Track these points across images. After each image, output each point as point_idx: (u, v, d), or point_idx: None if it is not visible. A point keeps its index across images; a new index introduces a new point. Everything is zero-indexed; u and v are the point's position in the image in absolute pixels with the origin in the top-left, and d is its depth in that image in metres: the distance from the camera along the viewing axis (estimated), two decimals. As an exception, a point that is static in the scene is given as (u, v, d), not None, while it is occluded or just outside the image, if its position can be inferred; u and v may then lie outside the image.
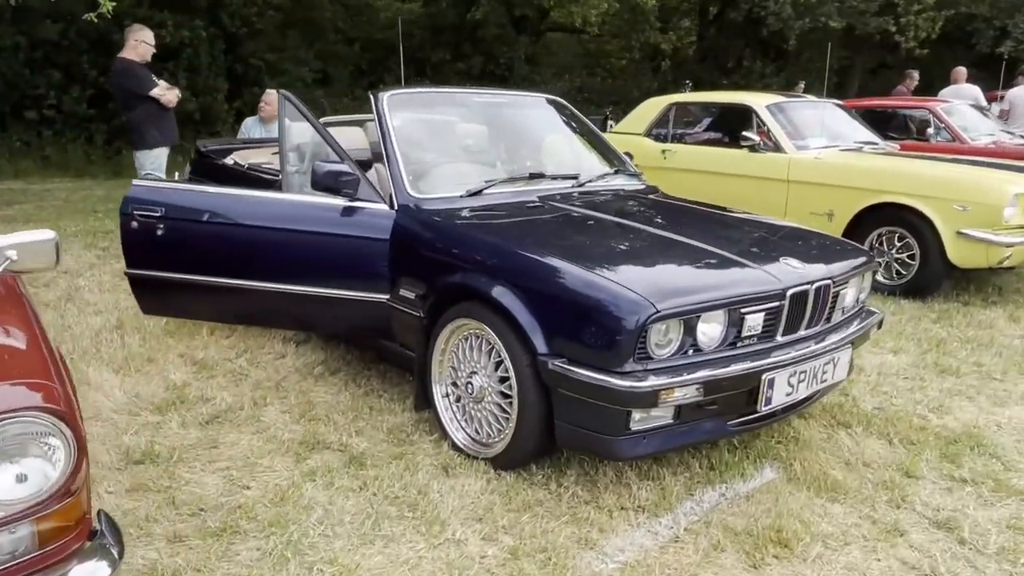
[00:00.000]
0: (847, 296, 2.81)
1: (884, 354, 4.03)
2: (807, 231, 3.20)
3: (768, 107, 6.05)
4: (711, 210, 3.41)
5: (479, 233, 2.72)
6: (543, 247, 2.52)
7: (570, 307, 2.30)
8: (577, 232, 2.76)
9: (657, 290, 2.24)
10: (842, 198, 5.39)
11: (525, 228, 2.81)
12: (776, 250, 2.68)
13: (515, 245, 2.56)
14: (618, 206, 3.19)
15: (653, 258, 2.50)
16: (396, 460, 2.69)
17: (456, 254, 2.74)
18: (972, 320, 4.66)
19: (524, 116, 3.87)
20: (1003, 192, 4.65)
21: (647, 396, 2.19)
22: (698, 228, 2.94)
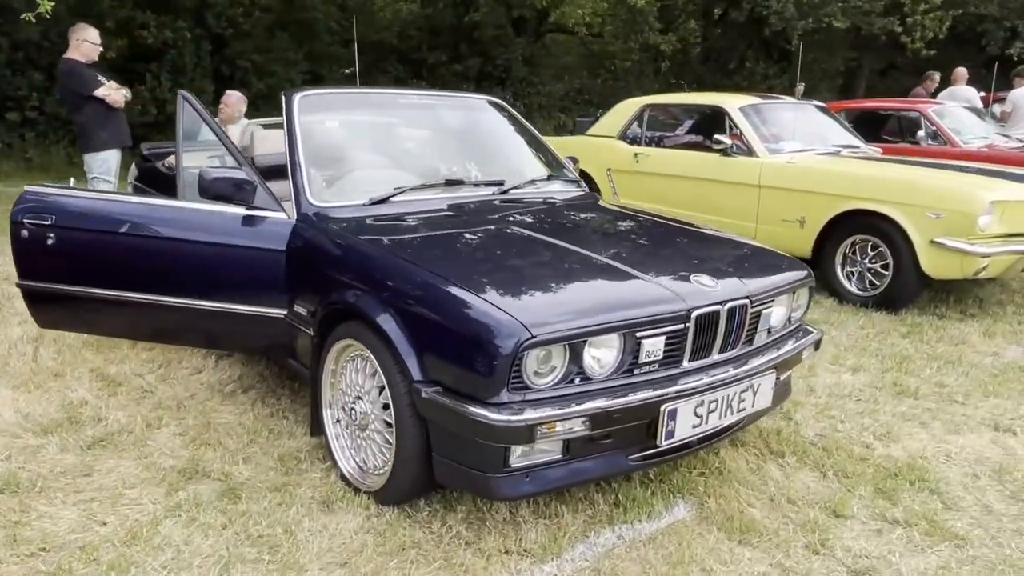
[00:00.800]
0: (774, 315, 2.57)
1: (842, 372, 3.77)
2: (740, 243, 2.95)
3: (741, 109, 5.80)
4: (641, 220, 3.17)
5: (362, 246, 2.50)
6: (427, 262, 2.30)
7: (443, 330, 2.08)
8: (474, 246, 2.54)
9: (536, 313, 2.01)
10: (813, 204, 5.13)
11: (417, 241, 2.58)
12: (692, 266, 2.44)
13: (395, 259, 2.35)
14: (535, 216, 2.96)
15: (547, 275, 2.27)
16: (276, 492, 2.47)
17: (340, 268, 2.53)
18: (944, 335, 4.39)
19: (455, 119, 3.65)
20: (978, 199, 4.38)
21: (522, 431, 1.96)
22: (612, 241, 2.71)
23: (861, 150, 5.95)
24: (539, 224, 2.82)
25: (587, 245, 2.56)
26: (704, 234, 3.00)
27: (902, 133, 8.44)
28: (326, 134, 3.19)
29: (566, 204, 3.23)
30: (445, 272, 2.21)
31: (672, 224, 3.13)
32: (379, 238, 2.56)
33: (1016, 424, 3.12)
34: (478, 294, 2.06)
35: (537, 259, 2.42)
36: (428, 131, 3.51)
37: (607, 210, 3.28)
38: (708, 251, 2.73)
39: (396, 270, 2.31)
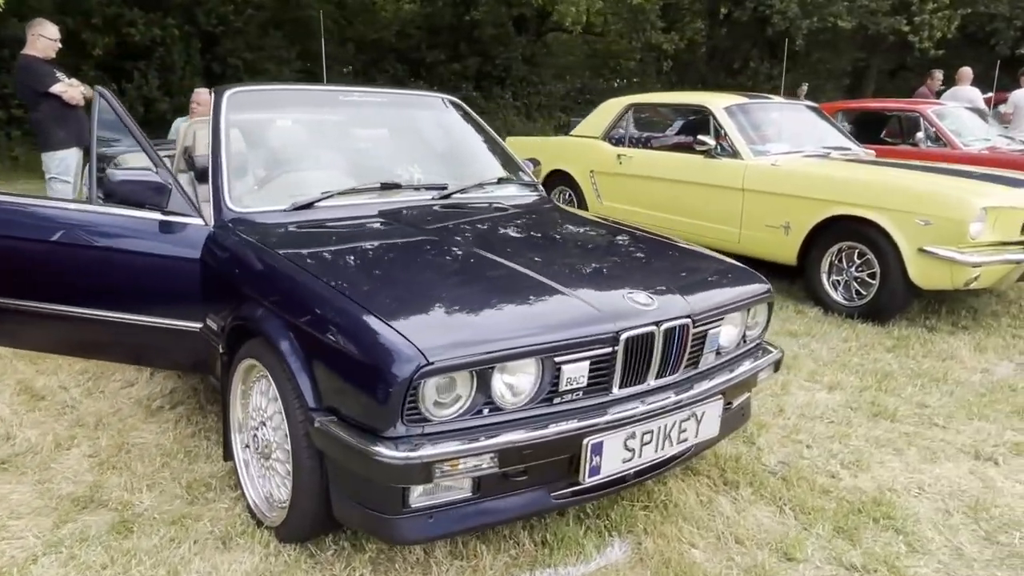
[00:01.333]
0: (723, 335, 2.34)
1: (817, 390, 3.53)
2: (697, 255, 2.71)
3: (727, 109, 5.56)
4: (592, 229, 2.94)
5: (267, 256, 2.28)
6: (331, 276, 2.08)
7: (337, 353, 1.86)
8: (390, 258, 2.32)
9: (436, 336, 1.79)
10: (798, 209, 4.88)
11: (330, 252, 2.36)
12: (632, 282, 2.20)
13: (297, 272, 2.12)
14: (472, 223, 2.74)
15: (463, 293, 2.04)
16: (172, 525, 2.26)
17: (246, 280, 2.32)
18: (931, 349, 4.14)
19: (403, 118, 3.43)
20: (969, 205, 4.12)
21: (416, 470, 1.74)
22: (550, 253, 2.48)
23: (853, 152, 5.70)
24: (473, 233, 2.60)
25: (518, 257, 2.33)
26: (658, 245, 2.76)
27: (903, 135, 8.15)
28: (255, 133, 2.98)
29: (513, 210, 3.00)
30: (347, 288, 1.99)
31: (626, 234, 2.90)
32: (290, 248, 2.34)
33: (999, 452, 2.87)
34: (377, 314, 1.84)
35: (457, 274, 2.20)
36: (370, 131, 3.29)
37: (558, 216, 3.05)
38: (656, 265, 2.50)
39: (296, 284, 2.09)
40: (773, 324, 4.56)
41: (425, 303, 1.94)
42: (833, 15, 17.00)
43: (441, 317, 1.88)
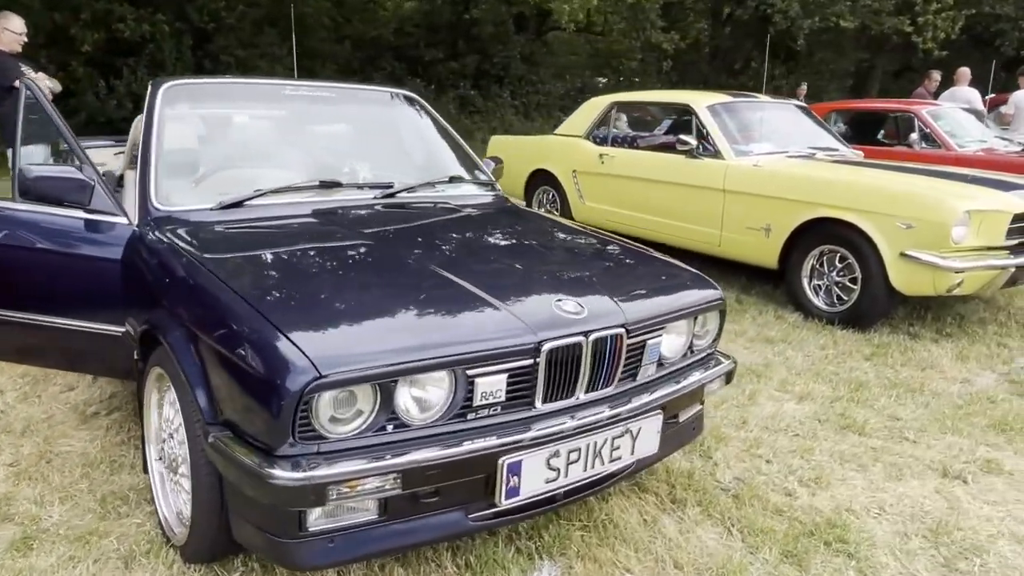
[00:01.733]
0: (666, 345, 2.19)
1: (786, 400, 3.38)
2: (648, 259, 2.57)
3: (709, 107, 5.40)
4: (538, 231, 2.80)
5: (180, 258, 2.15)
6: (238, 280, 1.94)
7: (233, 364, 1.72)
8: (309, 261, 2.17)
9: (334, 347, 1.65)
10: (779, 211, 4.73)
11: (246, 255, 2.23)
12: (565, 288, 2.06)
13: (206, 276, 1.99)
14: (412, 224, 2.60)
15: (375, 300, 1.90)
16: (76, 542, 2.13)
17: (159, 282, 2.19)
18: (912, 358, 3.98)
19: (352, 114, 3.29)
20: (951, 208, 3.96)
21: (305, 492, 1.60)
22: (485, 257, 2.33)
23: (840, 153, 5.54)
24: (407, 236, 2.46)
25: (449, 263, 2.20)
26: (607, 250, 2.62)
27: (900, 136, 7.97)
28: (191, 129, 2.86)
29: (462, 210, 2.86)
30: (251, 294, 1.85)
31: (575, 236, 2.75)
32: (205, 249, 2.20)
33: (968, 469, 2.72)
34: (275, 323, 1.70)
35: (377, 280, 2.06)
36: (316, 127, 3.16)
37: (507, 218, 2.91)
38: (598, 270, 2.35)
39: (198, 288, 1.96)
40: (750, 330, 4.43)
41: (331, 312, 1.80)
42: (835, 15, 16.80)
43: (345, 327, 1.75)
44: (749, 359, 3.91)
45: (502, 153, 7.40)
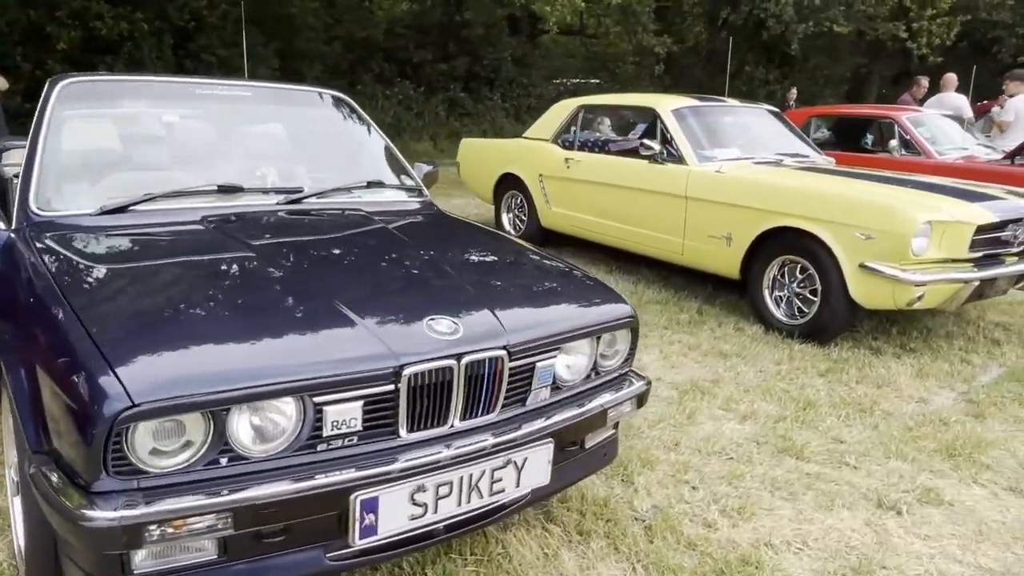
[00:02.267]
0: (563, 367, 2.03)
1: (728, 420, 3.21)
2: (553, 272, 2.40)
3: (674, 111, 5.24)
4: (448, 239, 2.64)
5: (28, 270, 1.98)
6: (84, 297, 1.78)
7: (52, 388, 1.56)
8: (172, 276, 2.00)
9: (154, 373, 1.49)
10: (740, 219, 4.56)
11: (106, 267, 2.06)
12: (446, 305, 1.90)
13: (46, 291, 1.82)
14: (305, 234, 2.44)
15: (224, 320, 1.72)
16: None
17: (11, 295, 2.02)
18: (869, 374, 3.81)
19: (269, 114, 3.13)
20: (911, 218, 3.78)
21: (115, 534, 1.43)
22: (369, 271, 2.15)
23: (810, 160, 5.37)
24: (296, 246, 2.29)
25: (327, 276, 2.04)
26: (513, 260, 2.46)
27: (883, 142, 7.80)
28: (86, 129, 2.70)
29: (374, 218, 2.69)
30: (88, 312, 1.68)
31: (489, 247, 2.59)
32: (63, 259, 2.04)
33: (905, 500, 2.55)
34: (100, 346, 1.53)
35: (238, 295, 1.89)
36: (228, 127, 2.99)
37: (419, 225, 2.74)
38: (492, 283, 2.18)
39: (41, 303, 1.79)
40: (705, 343, 4.26)
41: (169, 333, 1.63)
42: (829, 20, 16.66)
43: (179, 350, 1.57)
44: (698, 374, 3.74)
45: (471, 156, 7.30)
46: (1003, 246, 4.12)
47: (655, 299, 5.10)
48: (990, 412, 3.36)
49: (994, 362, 4.07)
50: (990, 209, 4.00)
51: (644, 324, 4.52)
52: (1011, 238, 4.11)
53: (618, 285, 5.41)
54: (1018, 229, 4.10)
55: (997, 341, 4.40)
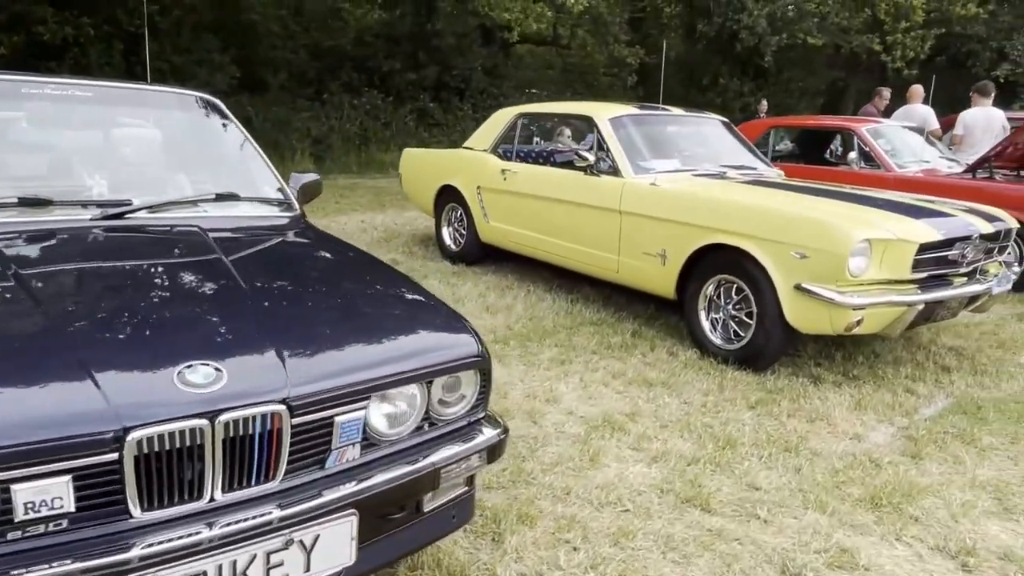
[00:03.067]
0: (382, 418, 1.68)
1: (635, 462, 2.86)
2: (389, 301, 2.05)
3: (611, 120, 4.93)
4: (277, 263, 2.29)
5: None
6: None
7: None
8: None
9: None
10: (674, 235, 4.24)
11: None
12: (211, 348, 1.55)
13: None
14: (101, 259, 2.08)
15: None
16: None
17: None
18: (803, 406, 3.48)
19: (110, 117, 2.77)
20: (847, 236, 3.47)
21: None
22: (147, 303, 1.78)
23: (756, 172, 5.06)
24: (78, 273, 1.93)
25: (87, 312, 1.68)
26: (349, 289, 2.11)
27: (846, 154, 7.53)
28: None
29: (200, 235, 2.32)
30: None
31: (334, 270, 2.24)
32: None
33: (814, 565, 2.21)
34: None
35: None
36: (55, 132, 2.63)
37: (259, 246, 2.39)
38: (299, 321, 1.81)
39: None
40: (631, 370, 3.92)
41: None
42: (803, 32, 16.52)
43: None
44: (615, 407, 3.40)
45: (412, 167, 6.96)
46: (951, 266, 3.82)
47: (591, 320, 4.76)
48: (928, 451, 3.03)
49: (941, 392, 3.75)
50: (935, 226, 3.70)
51: (572, 348, 4.19)
52: (959, 257, 3.80)
53: (555, 304, 5.08)
54: (966, 248, 3.80)
55: (947, 368, 4.09)
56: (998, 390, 3.78)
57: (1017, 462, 2.99)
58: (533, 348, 4.20)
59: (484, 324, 4.57)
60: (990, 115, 7.49)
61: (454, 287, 5.48)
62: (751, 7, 16.10)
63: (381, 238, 7.37)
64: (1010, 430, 3.27)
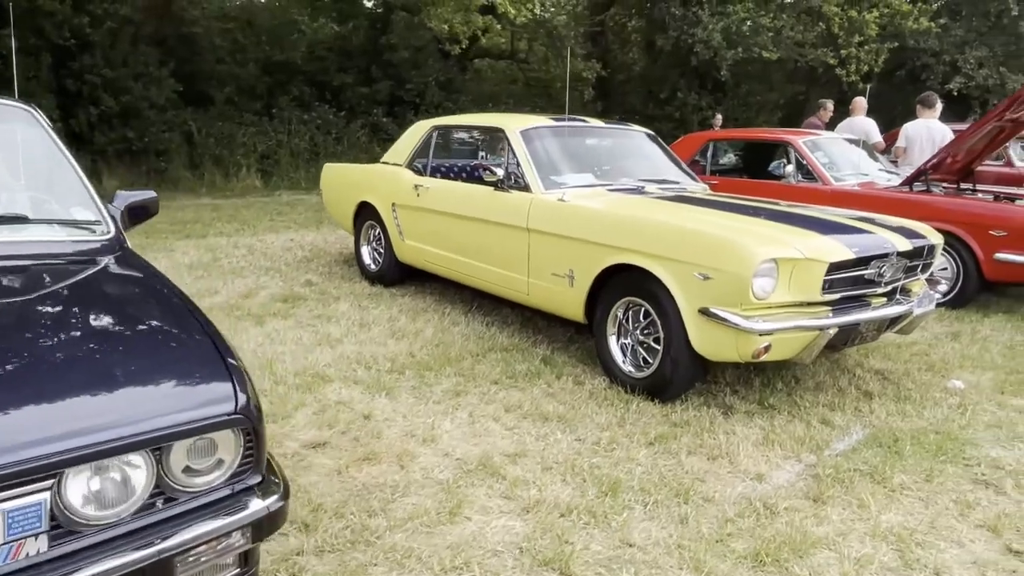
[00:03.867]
0: (82, 498, 1.34)
1: (503, 514, 2.54)
2: (146, 346, 1.72)
3: (523, 133, 4.63)
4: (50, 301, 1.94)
5: None
6: None
7: None
8: None
9: None
10: (580, 255, 3.95)
11: None
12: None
13: None
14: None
15: None
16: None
17: None
18: (706, 442, 3.18)
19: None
20: (750, 256, 3.19)
21: None
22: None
23: (679, 187, 4.80)
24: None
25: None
26: (101, 330, 1.77)
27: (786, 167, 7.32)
28: None
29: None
30: None
31: (103, 307, 1.90)
32: None
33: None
34: None
35: None
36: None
37: (35, 277, 2.04)
38: (14, 374, 1.48)
39: None
40: (528, 402, 3.58)
41: None
42: (758, 46, 16.46)
43: None
44: (499, 447, 3.08)
45: (332, 183, 6.62)
46: (868, 286, 3.56)
47: (502, 345, 4.44)
48: (832, 494, 2.74)
49: (859, 421, 3.48)
50: (847, 244, 3.43)
51: (472, 378, 3.87)
52: (876, 277, 3.55)
53: (468, 328, 4.76)
54: (883, 266, 3.54)
55: (870, 394, 3.82)
56: (920, 419, 3.52)
57: (928, 504, 2.71)
58: (430, 378, 3.87)
59: (385, 351, 4.24)
60: (932, 128, 7.33)
61: (365, 310, 5.14)
62: (706, 21, 16.02)
63: (304, 257, 7.01)
64: (925, 466, 2.99)
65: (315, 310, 5.11)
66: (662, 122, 18.78)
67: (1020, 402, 3.78)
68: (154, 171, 12.50)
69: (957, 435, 3.32)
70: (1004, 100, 5.74)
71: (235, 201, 11.49)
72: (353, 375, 3.87)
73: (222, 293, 5.48)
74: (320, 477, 2.77)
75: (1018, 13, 17.19)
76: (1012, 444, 3.27)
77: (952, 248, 5.50)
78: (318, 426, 3.23)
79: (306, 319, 4.89)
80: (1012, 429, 3.42)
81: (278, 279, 6.01)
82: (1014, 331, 5.07)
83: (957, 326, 5.18)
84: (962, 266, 5.54)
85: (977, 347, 4.67)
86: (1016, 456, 3.14)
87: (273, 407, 3.40)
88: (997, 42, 17.89)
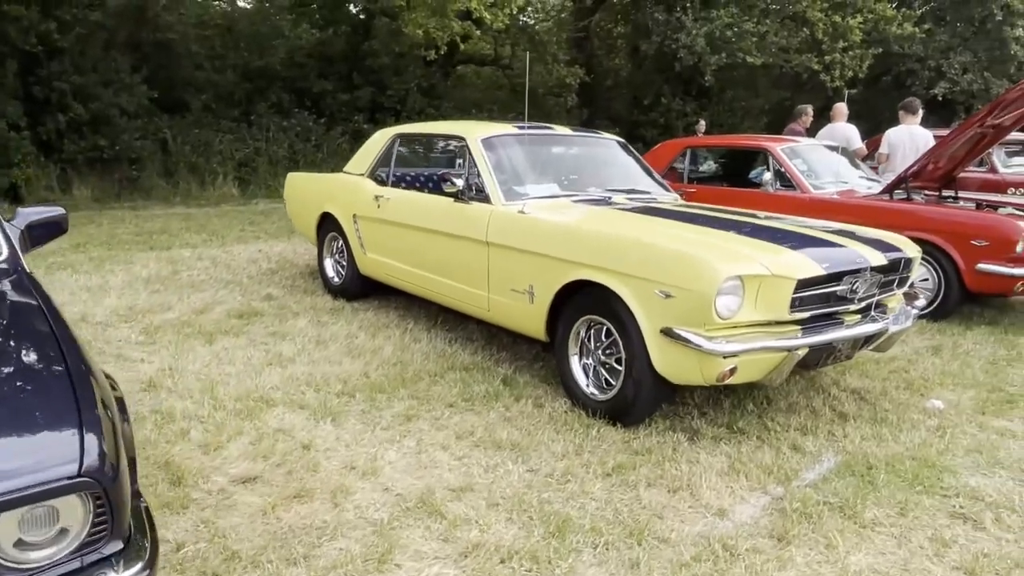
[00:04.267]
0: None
1: (438, 560, 2.32)
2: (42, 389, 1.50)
3: (484, 141, 4.43)
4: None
5: None
6: None
7: None
8: None
9: None
10: (540, 270, 3.74)
11: None
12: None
13: None
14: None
15: None
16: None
17: None
18: (668, 472, 2.98)
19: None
20: (713, 273, 2.98)
21: None
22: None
23: (648, 198, 4.60)
24: None
25: None
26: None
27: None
28: None
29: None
30: None
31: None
32: None
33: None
34: None
35: None
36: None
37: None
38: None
39: None
40: (483, 427, 3.33)
41: None
42: (742, 51, 16.35)
43: None
44: (444, 480, 2.87)
45: (295, 193, 6.39)
46: (840, 303, 3.37)
47: (462, 364, 4.22)
48: (799, 532, 2.54)
49: (832, 447, 3.28)
50: (817, 259, 3.24)
51: (427, 400, 3.66)
52: (848, 293, 3.35)
53: (429, 346, 4.55)
54: (856, 282, 3.35)
55: (844, 415, 3.63)
56: (896, 443, 3.32)
57: (901, 543, 2.51)
58: (381, 401, 3.65)
59: (338, 371, 4.02)
60: (915, 134, 7.18)
61: (323, 327, 4.91)
62: (689, 26, 15.91)
63: (269, 270, 6.77)
64: (900, 498, 2.80)
65: (271, 327, 4.88)
66: (647, 128, 18.65)
67: (1001, 423, 3.60)
68: (127, 180, 12.24)
69: (935, 461, 3.12)
70: (986, 105, 5.59)
71: (208, 210, 11.24)
72: (300, 398, 3.65)
73: (175, 309, 5.25)
74: (243, 519, 2.54)
75: (1002, 18, 17.14)
76: (992, 471, 3.08)
77: (933, 258, 5.33)
78: (252, 457, 3.01)
79: (260, 337, 4.66)
80: (992, 454, 3.23)
81: (237, 293, 5.78)
82: (996, 344, 4.89)
83: (939, 339, 5.00)
84: (943, 277, 5.37)
85: (958, 362, 4.49)
86: (996, 485, 2.94)
87: (207, 436, 3.18)
88: (981, 47, 17.84)
